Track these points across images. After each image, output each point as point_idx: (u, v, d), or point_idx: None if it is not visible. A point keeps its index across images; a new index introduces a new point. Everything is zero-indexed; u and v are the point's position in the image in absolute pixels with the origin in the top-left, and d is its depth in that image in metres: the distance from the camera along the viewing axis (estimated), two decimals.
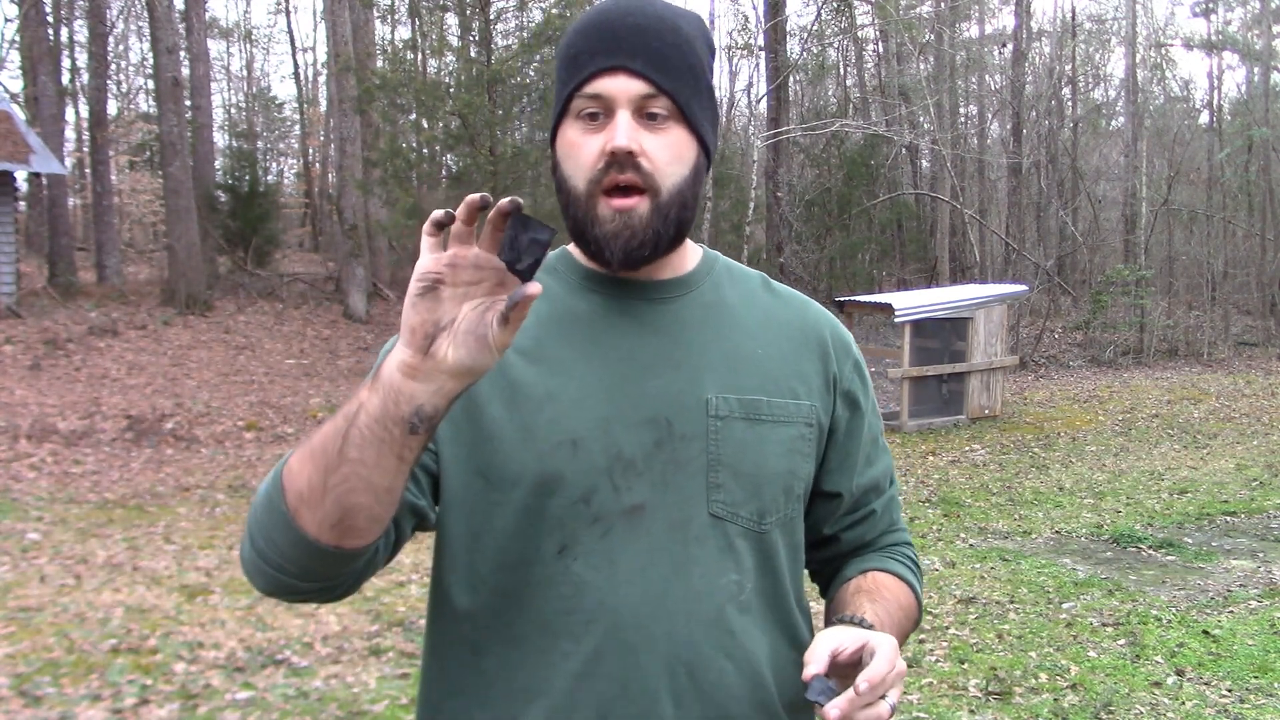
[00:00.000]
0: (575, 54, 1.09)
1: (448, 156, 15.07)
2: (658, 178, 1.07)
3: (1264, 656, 4.33)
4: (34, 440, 8.89)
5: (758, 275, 1.25)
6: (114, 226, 18.93)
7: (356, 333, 15.36)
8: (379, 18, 18.63)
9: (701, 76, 1.12)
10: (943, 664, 4.31)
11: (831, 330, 1.23)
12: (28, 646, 4.42)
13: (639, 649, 1.06)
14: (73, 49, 24.01)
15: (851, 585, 1.21)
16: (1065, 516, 7.00)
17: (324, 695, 3.98)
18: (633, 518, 1.08)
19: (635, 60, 1.07)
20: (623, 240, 1.08)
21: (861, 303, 11.72)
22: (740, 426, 1.11)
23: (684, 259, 1.18)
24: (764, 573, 1.14)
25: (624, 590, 1.07)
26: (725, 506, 1.10)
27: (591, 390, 1.09)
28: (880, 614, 1.13)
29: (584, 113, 1.09)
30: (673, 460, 1.09)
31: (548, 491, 1.07)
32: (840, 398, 1.20)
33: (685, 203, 1.10)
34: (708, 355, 1.13)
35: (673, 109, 1.08)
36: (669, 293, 1.16)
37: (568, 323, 1.14)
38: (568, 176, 1.10)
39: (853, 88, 22.83)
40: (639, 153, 1.06)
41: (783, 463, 1.14)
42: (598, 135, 1.08)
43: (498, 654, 1.09)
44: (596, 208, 1.08)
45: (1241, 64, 22.89)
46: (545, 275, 1.17)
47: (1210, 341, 17.07)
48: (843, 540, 1.26)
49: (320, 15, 30.43)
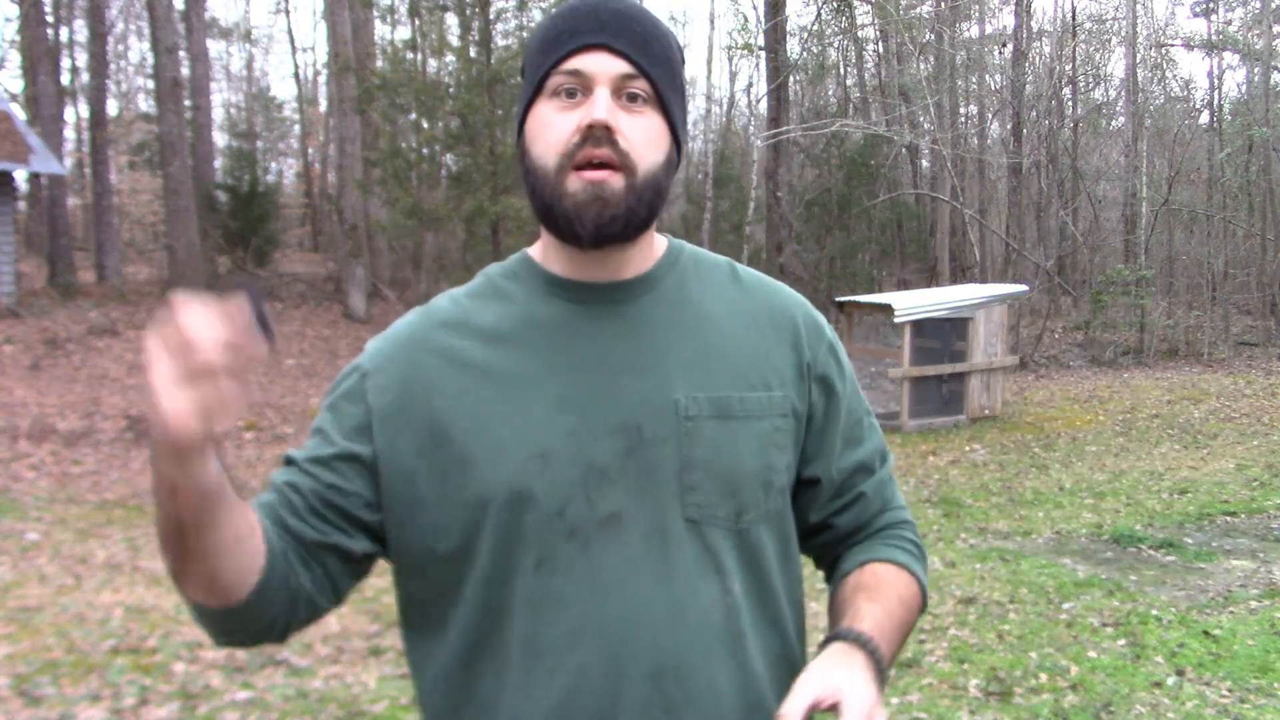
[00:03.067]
0: (555, 33, 1.08)
1: (448, 156, 15.08)
2: (634, 157, 1.05)
3: (1264, 656, 4.32)
4: (34, 440, 8.89)
5: (725, 262, 1.23)
6: (114, 226, 18.94)
7: (356, 333, 15.35)
8: (379, 18, 18.62)
9: (678, 73, 1.12)
10: (943, 664, 4.31)
11: (803, 315, 1.20)
12: (28, 646, 4.42)
13: (626, 660, 1.05)
14: (73, 49, 24.05)
15: (850, 582, 1.18)
16: (1065, 516, 7.00)
17: (324, 695, 3.98)
18: (609, 528, 1.06)
19: (619, 40, 1.06)
20: (594, 210, 1.05)
21: (861, 303, 11.72)
22: (711, 426, 1.09)
23: (648, 253, 1.16)
24: (749, 571, 1.12)
25: (606, 602, 1.05)
26: (701, 509, 1.08)
27: (559, 401, 1.08)
28: (879, 615, 1.11)
29: (561, 89, 1.06)
30: (645, 466, 1.07)
31: (522, 507, 1.05)
32: (815, 383, 1.18)
33: (659, 189, 1.08)
34: (676, 355, 1.11)
35: (651, 94, 1.07)
36: (634, 292, 1.14)
37: (533, 331, 1.12)
38: (537, 157, 1.07)
39: (853, 88, 22.84)
40: (616, 130, 1.04)
41: (758, 458, 1.11)
42: (573, 112, 1.05)
43: (487, 672, 1.09)
44: (565, 181, 1.05)
45: (1241, 64, 22.88)
46: (507, 280, 1.17)
47: (1210, 341, 17.07)
48: (836, 526, 1.23)
49: (320, 15, 30.50)
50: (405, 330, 1.16)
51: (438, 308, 1.17)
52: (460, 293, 1.19)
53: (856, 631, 1.08)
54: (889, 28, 18.83)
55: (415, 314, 1.18)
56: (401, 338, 1.15)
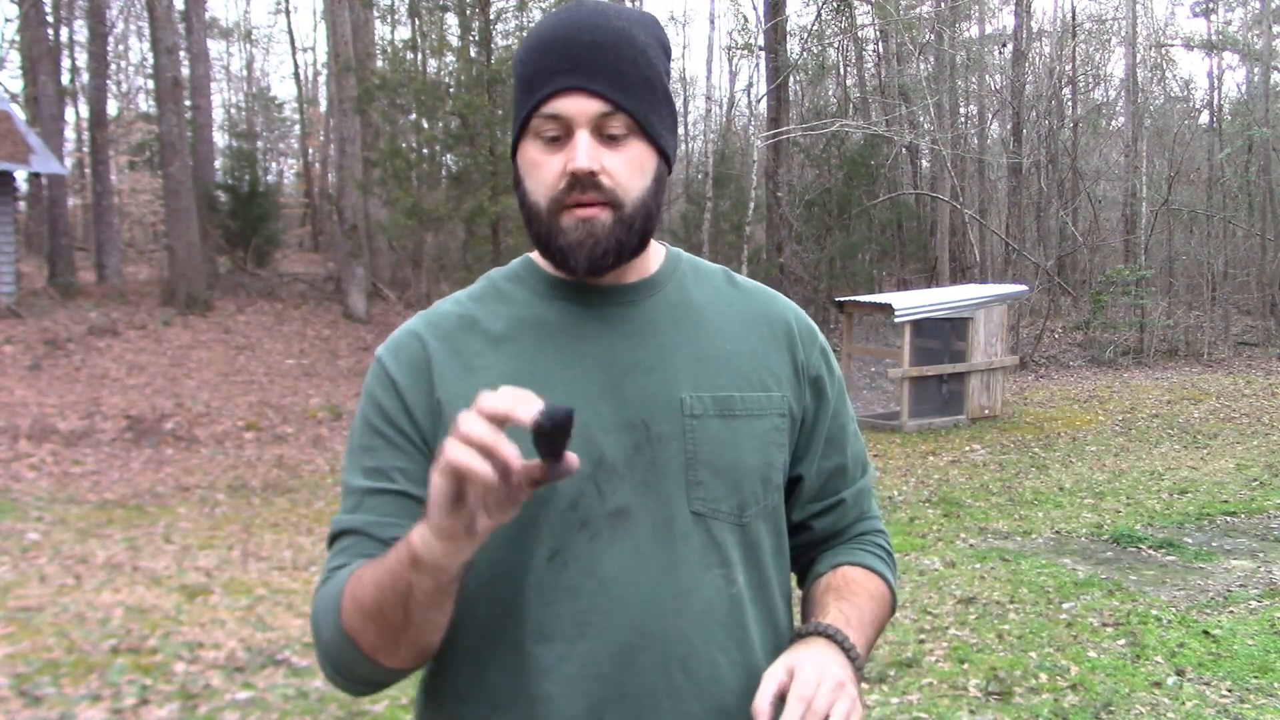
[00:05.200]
0: (532, 74, 1.10)
1: (448, 156, 15.07)
2: (619, 193, 1.09)
3: (1264, 656, 4.33)
4: (34, 440, 8.89)
5: (720, 270, 1.27)
6: (114, 226, 18.94)
7: (356, 332, 15.36)
8: (379, 18, 18.61)
9: (658, 85, 1.13)
10: (943, 664, 4.31)
11: (796, 319, 1.25)
12: (28, 646, 4.42)
13: (634, 650, 1.08)
14: (73, 49, 24.04)
15: (822, 583, 1.24)
16: (1065, 516, 7.00)
17: (324, 695, 3.98)
18: (618, 521, 1.10)
19: (594, 81, 1.07)
20: (586, 249, 1.09)
21: (861, 303, 11.72)
22: (715, 424, 1.13)
23: (648, 261, 1.20)
24: (749, 564, 1.16)
25: (615, 593, 1.08)
26: (706, 503, 1.12)
27: (568, 398, 1.10)
28: (847, 611, 1.16)
29: (543, 133, 1.09)
30: (652, 462, 1.11)
31: (538, 501, 1.07)
32: (809, 385, 1.23)
33: (649, 213, 1.12)
34: (679, 355, 1.15)
35: (631, 125, 1.09)
36: (636, 295, 1.18)
37: (539, 333, 1.15)
38: (530, 192, 1.11)
39: (853, 88, 22.82)
40: (600, 171, 1.07)
41: (759, 455, 1.16)
42: (558, 155, 1.09)
43: (496, 662, 1.11)
44: (559, 220, 1.09)
45: (1241, 64, 22.90)
46: (510, 283, 1.20)
47: (1210, 341, 17.07)
48: (814, 528, 1.28)
49: (320, 15, 30.49)
50: (414, 336, 1.17)
51: (443, 312, 1.19)
52: (463, 295, 1.22)
53: (816, 624, 1.13)
54: (889, 28, 18.83)
55: (420, 319, 1.20)
56: (413, 343, 1.16)
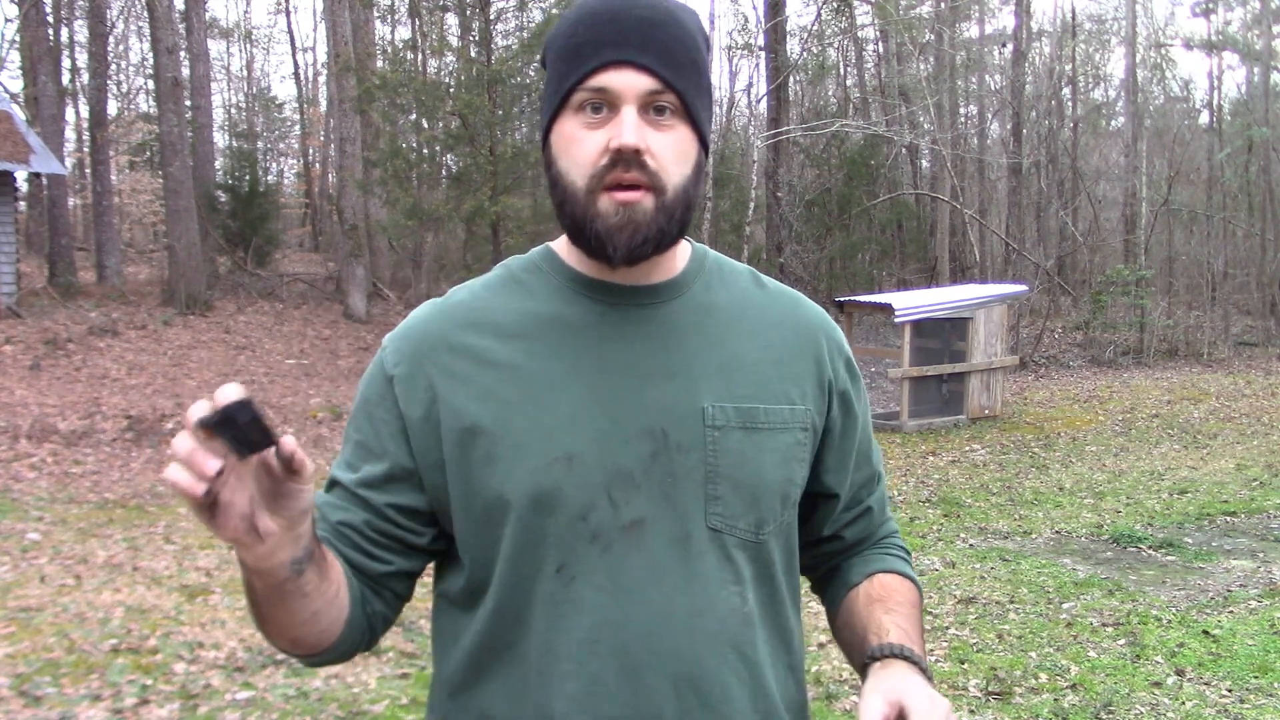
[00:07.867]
0: (577, 45, 1.04)
1: (448, 156, 15.08)
2: (663, 176, 1.03)
3: (1264, 656, 4.33)
4: (34, 440, 8.89)
5: (746, 270, 1.22)
6: (114, 226, 18.93)
7: (356, 333, 15.36)
8: (379, 18, 18.63)
9: (703, 73, 1.09)
10: (943, 664, 4.31)
11: (824, 330, 1.20)
12: (28, 646, 4.42)
13: (643, 668, 1.04)
14: (73, 49, 24.01)
15: (862, 595, 1.20)
16: (1065, 516, 7.00)
17: (324, 695, 3.98)
18: (632, 533, 1.05)
19: (645, 55, 1.02)
20: (626, 234, 1.03)
21: (861, 303, 11.72)
22: (737, 436, 1.08)
23: (675, 259, 1.14)
24: (762, 582, 1.12)
25: (627, 608, 1.04)
26: (723, 519, 1.07)
27: (585, 404, 1.06)
28: (904, 624, 1.13)
29: (586, 105, 1.03)
30: (670, 473, 1.06)
31: (545, 510, 1.04)
32: (836, 399, 1.18)
33: (689, 202, 1.06)
34: (702, 362, 1.10)
35: (679, 106, 1.04)
36: (661, 296, 1.12)
37: (557, 331, 1.09)
38: (564, 172, 1.05)
39: (853, 88, 22.83)
40: (645, 151, 1.02)
41: (780, 471, 1.11)
42: (600, 130, 1.03)
43: (502, 675, 1.08)
44: (597, 203, 1.03)
45: (1241, 64, 22.90)
46: (529, 274, 1.14)
47: (1210, 341, 17.07)
48: (845, 538, 1.26)
49: (320, 15, 30.47)
50: (424, 327, 1.13)
51: (456, 301, 1.15)
52: (478, 284, 1.17)
53: (891, 645, 1.09)
54: (889, 28, 18.83)
55: (432, 308, 1.15)
56: (421, 336, 1.12)
